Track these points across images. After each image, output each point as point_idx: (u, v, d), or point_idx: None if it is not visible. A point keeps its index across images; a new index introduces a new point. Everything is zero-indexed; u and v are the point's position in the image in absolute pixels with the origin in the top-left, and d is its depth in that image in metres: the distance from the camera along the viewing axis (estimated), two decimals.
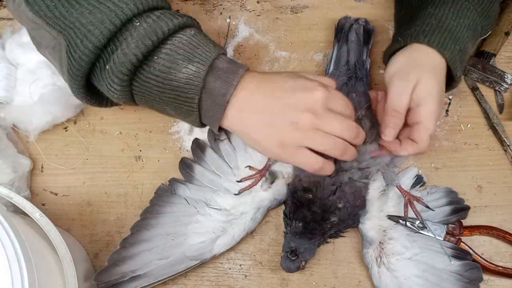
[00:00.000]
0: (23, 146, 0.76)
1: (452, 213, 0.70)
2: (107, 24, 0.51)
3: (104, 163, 0.76)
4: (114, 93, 0.54)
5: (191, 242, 0.69)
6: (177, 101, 0.55)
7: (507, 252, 0.70)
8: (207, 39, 0.56)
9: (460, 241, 0.69)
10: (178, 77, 0.54)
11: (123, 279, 0.67)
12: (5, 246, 0.52)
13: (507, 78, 0.75)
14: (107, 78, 0.53)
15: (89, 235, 0.74)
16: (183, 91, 0.54)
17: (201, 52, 0.54)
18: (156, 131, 0.77)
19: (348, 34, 0.75)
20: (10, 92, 0.75)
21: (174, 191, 0.72)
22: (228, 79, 0.55)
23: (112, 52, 0.52)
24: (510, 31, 0.77)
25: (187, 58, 0.54)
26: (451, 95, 0.76)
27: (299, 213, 0.66)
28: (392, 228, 0.69)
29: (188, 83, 0.54)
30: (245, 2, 0.82)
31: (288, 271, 0.68)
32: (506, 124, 0.74)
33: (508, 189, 0.73)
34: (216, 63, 0.55)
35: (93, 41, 0.51)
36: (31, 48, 0.75)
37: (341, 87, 0.71)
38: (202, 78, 0.54)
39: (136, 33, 0.52)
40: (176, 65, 0.53)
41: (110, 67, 0.52)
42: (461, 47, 0.62)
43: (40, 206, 0.75)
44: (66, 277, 0.60)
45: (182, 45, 0.54)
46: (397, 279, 0.67)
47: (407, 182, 0.71)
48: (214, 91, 0.55)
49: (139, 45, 0.51)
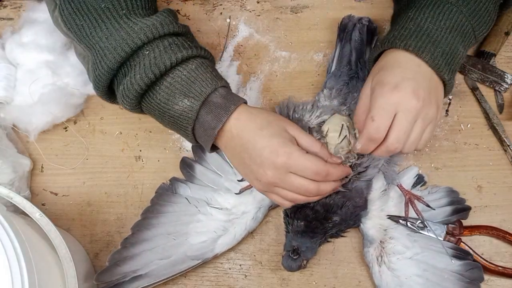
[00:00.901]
0: (23, 146, 0.76)
1: (453, 213, 0.70)
2: (119, 51, 0.58)
3: (104, 163, 0.76)
4: (127, 108, 0.63)
5: (192, 242, 0.69)
6: (175, 125, 0.62)
7: (507, 252, 0.70)
8: (207, 72, 0.61)
9: (460, 241, 0.69)
10: (175, 109, 0.60)
11: (124, 279, 0.67)
12: (5, 246, 0.52)
13: (507, 78, 0.75)
14: (120, 97, 0.61)
15: (89, 235, 0.74)
16: (179, 120, 0.61)
17: (198, 87, 0.59)
18: (156, 131, 0.77)
19: (352, 34, 0.75)
20: (10, 92, 0.75)
21: (175, 191, 0.72)
22: (219, 115, 0.59)
23: (125, 75, 0.60)
24: (510, 31, 0.77)
25: (184, 93, 0.59)
26: (451, 95, 0.76)
27: (301, 212, 0.66)
28: (393, 228, 0.69)
29: (183, 115, 0.60)
30: (245, 2, 0.82)
31: (290, 270, 0.68)
32: (506, 124, 0.74)
33: (508, 189, 0.73)
34: (210, 98, 0.60)
35: (108, 64, 0.59)
36: (31, 48, 0.76)
37: (342, 87, 0.71)
38: (195, 111, 0.59)
39: (143, 63, 0.58)
40: (174, 98, 0.59)
41: (122, 89, 0.60)
42: (444, 50, 0.60)
43: (40, 206, 0.75)
44: (66, 277, 0.60)
45: (180, 80, 0.59)
46: (398, 278, 0.67)
47: (408, 182, 0.71)
48: (205, 124, 0.60)
49: (143, 77, 0.58)
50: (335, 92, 0.71)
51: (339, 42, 0.75)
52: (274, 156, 0.58)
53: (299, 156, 0.58)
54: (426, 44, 0.60)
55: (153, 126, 0.77)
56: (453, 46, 0.61)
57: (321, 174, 0.59)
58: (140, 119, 0.78)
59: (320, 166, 0.59)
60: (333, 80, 0.73)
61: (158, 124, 0.77)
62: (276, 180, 0.59)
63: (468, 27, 0.62)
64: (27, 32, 0.77)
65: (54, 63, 0.76)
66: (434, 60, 0.59)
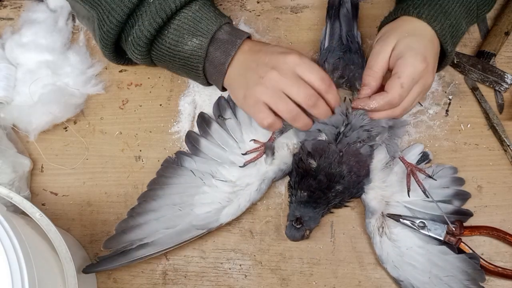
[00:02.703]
0: (23, 146, 0.76)
1: (454, 214, 0.70)
2: (126, 2, 0.61)
3: (104, 163, 0.77)
4: (137, 59, 0.66)
5: (197, 212, 0.70)
6: (186, 67, 0.66)
7: (507, 252, 0.70)
8: (211, 11, 0.64)
9: (460, 241, 0.69)
10: (185, 49, 0.63)
11: (131, 247, 0.68)
12: (5, 246, 0.52)
13: (507, 78, 0.75)
14: (130, 47, 0.64)
15: (89, 235, 0.74)
16: (189, 60, 0.64)
17: (204, 25, 0.63)
18: (156, 131, 0.77)
19: (339, 10, 0.76)
20: (10, 92, 0.75)
21: (180, 164, 0.73)
22: (227, 50, 0.63)
23: (132, 26, 0.63)
24: (510, 31, 0.77)
25: (191, 33, 0.63)
26: (451, 95, 0.76)
27: (304, 182, 0.67)
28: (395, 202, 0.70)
29: (193, 54, 0.64)
30: (245, 2, 0.82)
31: (293, 239, 0.68)
32: (506, 124, 0.74)
33: (508, 189, 0.73)
34: (217, 35, 0.64)
35: (116, 17, 0.62)
36: (31, 48, 0.76)
37: (338, 61, 0.72)
38: (204, 49, 0.63)
39: (150, 10, 0.61)
40: (182, 39, 0.63)
41: (131, 40, 0.63)
42: (452, 22, 0.63)
43: (40, 206, 0.75)
44: (66, 277, 0.60)
45: (187, 21, 0.63)
46: (399, 249, 0.68)
47: (413, 158, 0.72)
48: (215, 60, 0.64)
49: (151, 23, 0.61)
50: (331, 66, 0.71)
51: (329, 19, 0.76)
52: (284, 54, 0.61)
53: (307, 58, 0.62)
54: (438, 14, 0.62)
55: (153, 126, 0.77)
56: (458, 20, 0.64)
57: (325, 81, 0.62)
58: (140, 119, 0.78)
59: (328, 77, 0.62)
60: (328, 55, 0.73)
61: (158, 124, 0.77)
62: (281, 75, 0.60)
63: (473, 4, 0.65)
64: (27, 32, 0.77)
65: (54, 63, 0.76)
66: (443, 31, 0.63)
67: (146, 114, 0.78)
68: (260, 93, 0.62)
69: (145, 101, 0.78)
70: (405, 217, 0.69)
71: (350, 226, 0.72)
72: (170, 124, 0.77)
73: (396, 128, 0.68)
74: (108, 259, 0.68)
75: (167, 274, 0.72)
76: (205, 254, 0.72)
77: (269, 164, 0.71)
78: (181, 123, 0.77)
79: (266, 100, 0.62)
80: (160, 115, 0.78)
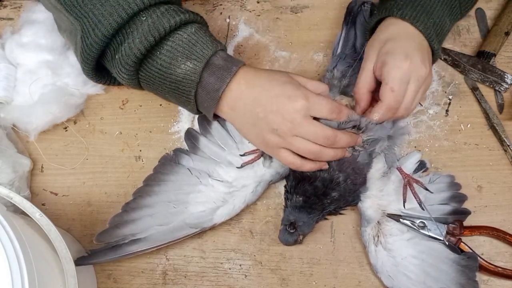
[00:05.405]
0: (23, 146, 0.76)
1: (452, 214, 0.70)
2: (115, 17, 0.57)
3: (104, 163, 0.77)
4: (123, 79, 0.62)
5: (192, 211, 0.70)
6: (176, 92, 0.62)
7: (507, 252, 0.70)
8: (206, 35, 0.61)
9: (460, 241, 0.69)
10: (177, 72, 0.60)
11: (123, 241, 0.68)
12: (5, 246, 0.51)
13: (507, 78, 0.75)
14: (117, 66, 0.60)
15: (89, 235, 0.74)
16: (181, 84, 0.60)
17: (199, 49, 0.60)
18: (156, 131, 0.77)
19: (357, 17, 0.76)
20: (10, 92, 0.75)
21: (177, 161, 0.73)
22: (222, 76, 0.60)
23: (121, 43, 0.59)
24: (510, 31, 0.77)
25: (186, 55, 0.59)
26: (451, 95, 0.76)
27: (300, 187, 0.67)
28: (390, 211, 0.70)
29: (186, 78, 0.60)
30: (245, 2, 0.82)
31: (286, 243, 0.68)
32: (506, 124, 0.74)
33: (508, 189, 0.73)
34: (212, 60, 0.60)
35: (102, 31, 0.58)
36: (31, 48, 0.76)
37: (347, 69, 0.72)
38: (198, 74, 0.60)
39: (141, 28, 0.58)
40: (176, 61, 0.59)
41: (119, 57, 0.59)
42: (435, 21, 0.64)
43: (40, 206, 0.75)
44: (66, 277, 0.60)
45: (181, 43, 0.59)
46: (394, 258, 0.68)
47: (410, 167, 0.72)
48: (208, 86, 0.60)
49: (142, 41, 0.58)
50: (340, 74, 0.72)
51: (345, 25, 0.76)
52: (291, 100, 0.59)
53: (314, 95, 0.60)
54: (421, 14, 0.64)
55: (153, 126, 0.77)
56: (442, 18, 0.65)
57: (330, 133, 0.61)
58: (140, 119, 0.78)
59: (335, 105, 0.61)
60: (338, 62, 0.74)
61: (158, 124, 0.77)
62: (295, 125, 0.59)
63: (455, 1, 0.66)
64: (27, 32, 0.77)
65: (54, 63, 0.76)
66: (427, 30, 0.64)
67: (146, 114, 0.78)
68: (278, 142, 0.61)
69: (145, 101, 0.78)
70: (405, 217, 0.69)
71: (350, 226, 0.72)
72: (170, 124, 0.77)
73: (395, 138, 0.68)
74: (100, 253, 0.68)
75: (167, 274, 0.72)
76: (205, 254, 0.72)
77: (267, 166, 0.71)
78: (181, 123, 0.77)
79: (286, 146, 0.62)
80: (160, 115, 0.78)
